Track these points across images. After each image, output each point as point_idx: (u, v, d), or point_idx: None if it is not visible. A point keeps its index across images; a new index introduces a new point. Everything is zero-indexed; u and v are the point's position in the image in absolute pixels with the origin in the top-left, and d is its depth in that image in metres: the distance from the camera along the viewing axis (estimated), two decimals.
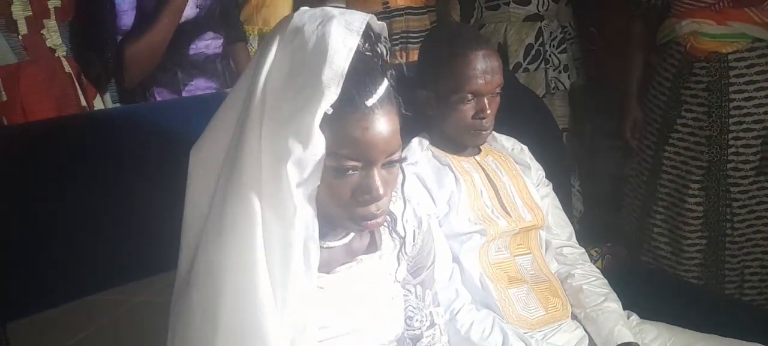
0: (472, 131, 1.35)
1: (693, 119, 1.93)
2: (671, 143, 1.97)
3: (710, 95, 1.89)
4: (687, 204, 1.96)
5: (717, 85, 1.88)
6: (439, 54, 1.34)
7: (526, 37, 2.22)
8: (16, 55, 1.53)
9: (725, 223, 1.93)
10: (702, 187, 1.94)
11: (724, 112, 1.88)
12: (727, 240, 1.94)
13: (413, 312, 1.08)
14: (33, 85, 1.55)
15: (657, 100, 2.02)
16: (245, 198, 0.78)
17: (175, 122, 1.25)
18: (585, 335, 1.37)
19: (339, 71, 0.78)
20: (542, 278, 1.40)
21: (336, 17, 0.81)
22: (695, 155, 1.94)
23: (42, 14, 1.57)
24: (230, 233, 0.79)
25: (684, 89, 1.93)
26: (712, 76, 1.88)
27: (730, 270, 1.96)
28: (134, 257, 1.19)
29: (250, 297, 0.79)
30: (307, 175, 0.79)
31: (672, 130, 1.96)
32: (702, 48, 1.88)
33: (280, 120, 0.78)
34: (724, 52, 1.86)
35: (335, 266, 0.95)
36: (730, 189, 1.91)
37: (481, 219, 1.34)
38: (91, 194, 1.19)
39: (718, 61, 1.87)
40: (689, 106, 1.93)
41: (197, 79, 1.82)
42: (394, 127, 0.85)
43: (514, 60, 2.23)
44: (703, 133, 1.92)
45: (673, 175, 1.99)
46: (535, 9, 2.20)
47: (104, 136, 1.27)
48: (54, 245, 1.15)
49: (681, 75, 1.93)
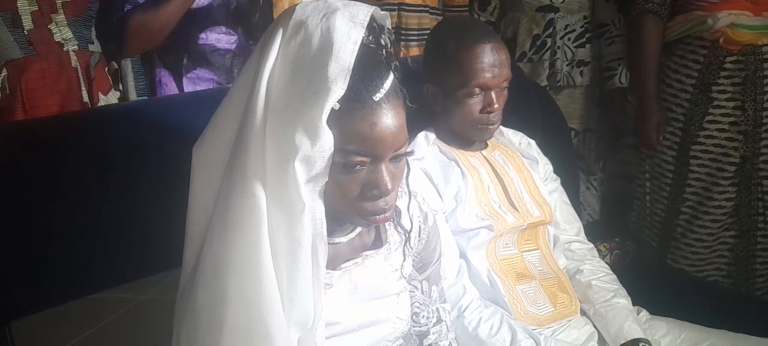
0: (480, 126, 1.34)
1: (722, 115, 1.88)
2: (699, 141, 1.92)
3: (744, 89, 1.85)
4: (715, 201, 1.92)
5: (752, 79, 1.84)
6: (446, 48, 1.32)
7: (535, 27, 2.20)
8: (22, 49, 1.53)
9: (758, 217, 1.89)
10: (732, 182, 1.90)
11: (758, 106, 1.85)
12: (759, 234, 1.90)
13: (419, 308, 1.07)
14: (38, 80, 1.55)
15: (677, 98, 1.96)
16: (250, 196, 0.77)
17: (178, 118, 1.25)
18: (594, 332, 1.36)
19: (345, 66, 0.76)
20: (550, 274, 1.39)
21: (340, 10, 0.79)
22: (726, 152, 1.89)
23: (50, 9, 1.58)
24: (235, 230, 0.78)
25: (713, 85, 1.88)
26: (747, 69, 1.84)
27: (762, 264, 1.93)
28: (139, 255, 1.19)
29: (256, 296, 0.78)
30: (316, 171, 0.78)
31: (700, 127, 1.91)
32: (738, 40, 1.83)
33: (285, 116, 0.77)
34: (758, 43, 1.83)
35: (341, 262, 0.95)
36: (762, 182, 1.88)
37: (488, 215, 1.33)
38: (95, 191, 1.18)
39: (753, 54, 1.83)
40: (718, 101, 1.88)
41: (200, 69, 1.82)
42: (401, 121, 0.84)
43: (520, 50, 2.22)
44: (736, 128, 1.87)
45: (701, 173, 1.94)
46: (549, 0, 2.18)
47: (108, 133, 1.26)
48: (58, 243, 1.15)
49: (708, 71, 1.88)
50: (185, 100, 1.65)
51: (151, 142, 1.24)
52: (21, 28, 1.54)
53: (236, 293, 0.78)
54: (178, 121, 1.21)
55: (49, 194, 1.16)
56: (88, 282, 1.16)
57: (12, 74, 1.53)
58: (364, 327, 0.97)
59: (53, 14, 1.58)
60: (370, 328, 0.97)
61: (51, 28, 1.57)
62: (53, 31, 1.58)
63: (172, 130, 1.20)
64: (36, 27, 1.55)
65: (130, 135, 1.26)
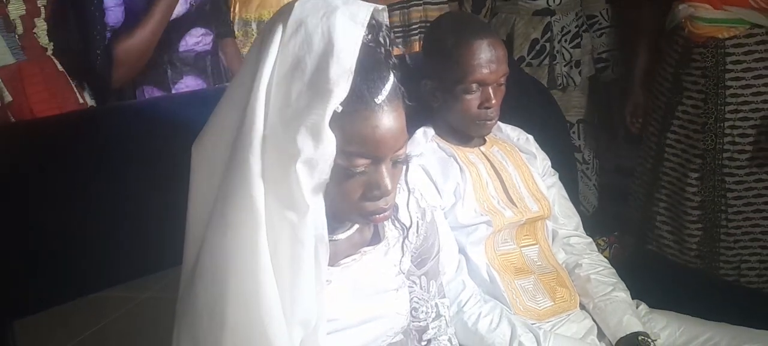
0: (478, 121, 1.35)
1: (692, 106, 1.90)
2: (672, 130, 1.94)
3: (707, 82, 1.86)
4: (686, 193, 1.93)
5: (713, 72, 1.84)
6: (444, 43, 1.33)
7: (532, 31, 2.20)
8: (14, 55, 1.51)
9: (720, 213, 1.90)
10: (699, 176, 1.91)
11: (720, 100, 1.84)
12: (721, 231, 1.90)
13: (418, 303, 1.08)
14: (36, 85, 1.54)
15: (661, 86, 1.99)
16: (249, 195, 0.77)
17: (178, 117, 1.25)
18: (593, 325, 1.36)
19: (347, 67, 0.76)
20: (549, 269, 1.39)
21: (340, 8, 0.78)
22: (693, 143, 1.91)
23: (34, 13, 1.54)
24: (234, 230, 0.78)
25: (685, 75, 1.90)
26: (708, 62, 1.85)
27: (725, 262, 1.93)
28: (140, 254, 1.19)
29: (255, 296, 0.78)
30: (318, 173, 0.78)
31: (674, 116, 1.93)
32: (699, 33, 1.84)
33: (287, 117, 0.77)
34: (721, 37, 1.82)
35: (340, 258, 0.95)
36: (725, 179, 1.88)
37: (486, 210, 1.34)
38: (96, 190, 1.19)
39: (715, 47, 1.83)
40: (689, 92, 1.90)
41: (187, 77, 1.77)
42: (401, 123, 0.84)
43: (518, 54, 2.21)
44: (700, 120, 1.88)
45: (674, 162, 1.96)
46: (546, 3, 2.17)
47: (108, 132, 1.27)
48: (60, 242, 1.16)
49: (682, 61, 1.90)
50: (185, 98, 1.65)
51: (154, 140, 1.25)
52: (14, 32, 1.51)
53: (235, 292, 0.78)
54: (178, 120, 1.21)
55: (50, 193, 1.16)
56: (90, 281, 1.17)
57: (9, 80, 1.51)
58: (364, 323, 0.97)
59: (36, 19, 1.55)
60: (369, 323, 0.98)
61: (35, 33, 1.55)
62: (38, 36, 1.56)
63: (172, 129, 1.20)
64: (25, 31, 1.52)
65: (131, 134, 1.27)
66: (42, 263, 1.15)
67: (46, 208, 1.16)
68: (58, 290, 1.14)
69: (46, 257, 1.15)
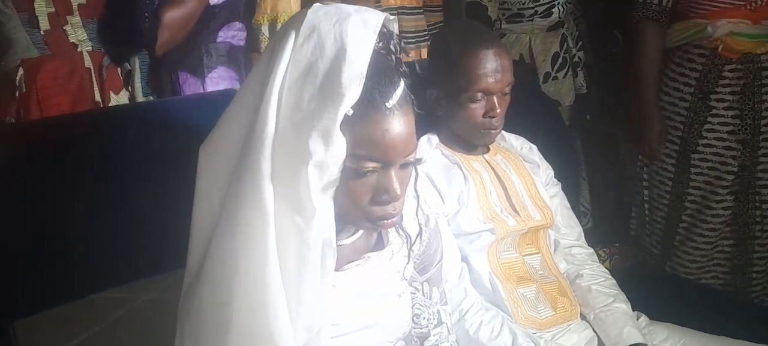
0: (482, 130, 1.35)
1: (720, 123, 1.87)
2: (698, 150, 1.91)
3: (743, 98, 1.84)
4: (713, 210, 1.91)
5: (750, 88, 1.83)
6: (450, 52, 1.33)
7: (551, 45, 2.18)
8: (39, 49, 1.57)
9: (755, 226, 1.89)
10: (731, 191, 1.90)
11: (756, 114, 1.84)
12: (756, 243, 1.90)
13: (420, 310, 1.08)
14: (51, 80, 1.60)
15: (675, 106, 1.95)
16: (259, 198, 0.78)
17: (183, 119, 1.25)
18: (594, 336, 1.36)
19: (359, 72, 0.77)
20: (551, 278, 1.39)
21: (352, 15, 0.80)
22: (725, 160, 1.88)
23: (65, 11, 1.62)
24: (243, 233, 0.79)
25: (711, 93, 1.87)
26: (746, 78, 1.83)
27: (758, 273, 1.92)
28: (142, 255, 1.19)
29: (262, 298, 0.78)
30: (328, 176, 0.78)
31: (699, 136, 1.90)
32: (737, 49, 1.82)
33: (298, 121, 0.77)
34: (757, 52, 1.82)
35: (344, 263, 0.95)
36: (759, 191, 1.87)
37: (490, 218, 1.34)
38: (98, 191, 1.19)
39: (752, 62, 1.82)
40: (717, 110, 1.87)
41: (220, 68, 1.85)
42: (411, 127, 0.85)
43: (544, 70, 2.19)
44: (734, 137, 1.86)
45: (700, 181, 1.93)
46: (558, 17, 2.18)
47: (111, 133, 1.27)
48: (62, 243, 1.16)
49: (707, 79, 1.87)
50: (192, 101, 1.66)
51: (155, 142, 1.25)
52: (37, 28, 1.57)
53: (242, 294, 0.78)
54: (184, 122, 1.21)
55: (51, 194, 1.16)
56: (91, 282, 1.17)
57: (28, 73, 1.56)
58: (366, 328, 0.97)
59: (69, 16, 1.62)
60: (371, 329, 0.98)
61: (66, 30, 1.61)
62: (68, 33, 1.62)
63: (177, 131, 1.20)
64: (52, 28, 1.59)
65: (134, 135, 1.27)
66: (43, 263, 1.15)
67: (48, 208, 1.16)
68: (58, 291, 1.14)
69: (47, 257, 1.15)
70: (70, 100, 1.60)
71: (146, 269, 1.19)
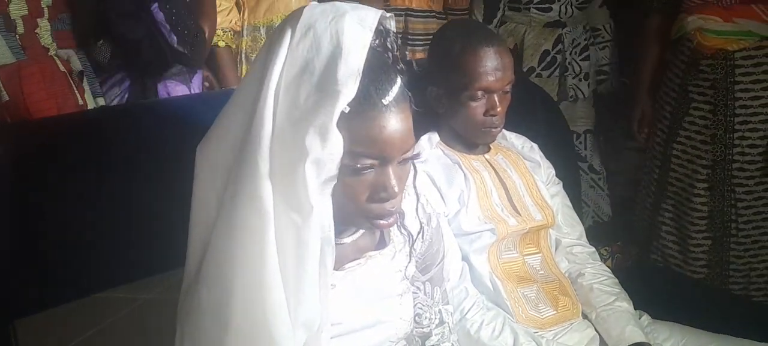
0: (483, 129, 1.35)
1: (700, 117, 1.91)
2: (679, 141, 1.95)
3: (716, 93, 1.86)
4: (693, 203, 1.94)
5: (722, 83, 1.85)
6: (450, 50, 1.33)
7: (543, 42, 2.20)
8: (15, 54, 1.53)
9: (730, 223, 1.90)
10: (708, 186, 1.92)
11: (729, 111, 1.85)
12: (732, 241, 1.91)
13: (422, 309, 1.07)
14: (34, 84, 1.55)
15: (667, 96, 2.00)
16: (257, 197, 0.78)
17: (182, 119, 1.25)
18: (596, 335, 1.36)
19: (355, 69, 0.77)
20: (552, 278, 1.39)
21: (348, 13, 0.80)
22: (701, 154, 1.91)
23: (36, 13, 1.57)
24: (241, 231, 0.79)
25: (692, 86, 1.90)
26: (717, 73, 1.85)
27: (735, 271, 1.94)
28: (142, 255, 1.19)
29: (261, 297, 0.78)
30: (326, 174, 0.78)
31: (680, 127, 1.94)
32: (708, 45, 1.85)
33: (295, 118, 0.77)
34: (730, 49, 1.83)
35: (345, 262, 0.95)
36: (735, 189, 1.88)
37: (490, 218, 1.33)
38: (98, 191, 1.19)
39: (724, 59, 1.84)
40: (697, 103, 1.91)
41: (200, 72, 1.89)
42: (408, 124, 0.85)
43: (529, 63, 2.21)
44: (708, 131, 1.89)
45: (680, 173, 1.97)
46: (557, 16, 2.18)
47: (111, 133, 1.27)
48: (62, 243, 1.16)
49: (689, 72, 1.91)
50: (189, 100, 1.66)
51: (154, 141, 1.25)
52: (14, 32, 1.53)
53: (241, 293, 0.78)
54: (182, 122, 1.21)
55: (52, 193, 1.17)
56: (92, 281, 1.17)
57: (7, 80, 1.52)
58: (367, 328, 0.97)
59: (39, 19, 1.57)
60: (372, 328, 0.97)
61: (37, 33, 1.57)
62: (40, 36, 1.57)
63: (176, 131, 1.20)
64: (26, 32, 1.54)
65: (134, 135, 1.27)
66: (44, 262, 1.15)
67: (49, 208, 1.16)
68: (60, 290, 1.14)
69: (49, 256, 1.15)
70: (56, 104, 1.57)
71: (146, 268, 1.19)
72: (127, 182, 1.20)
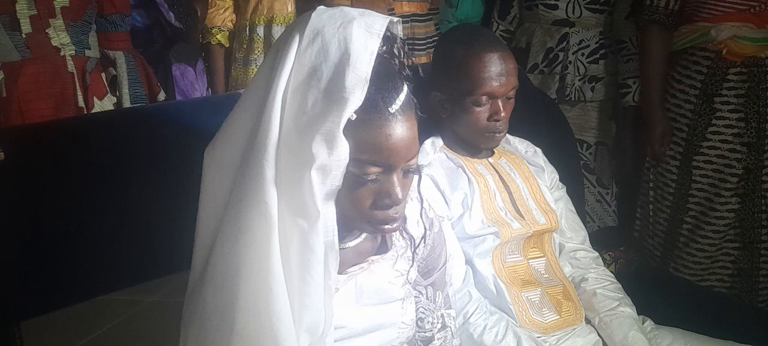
0: (487, 134, 1.35)
1: (725, 126, 1.87)
2: (702, 152, 1.91)
3: (747, 101, 1.84)
4: (718, 212, 1.91)
5: (755, 91, 1.83)
6: (454, 56, 1.33)
7: (549, 40, 2.20)
8: (20, 53, 1.55)
9: (761, 229, 1.88)
10: (735, 194, 1.89)
11: (761, 117, 1.84)
12: (762, 246, 1.89)
13: (424, 313, 1.08)
14: (32, 84, 1.58)
15: (681, 109, 1.95)
16: (262, 202, 0.78)
17: (188, 123, 1.25)
18: (599, 340, 1.36)
19: (363, 76, 0.77)
20: (556, 282, 1.39)
21: (356, 19, 0.80)
22: (729, 163, 1.88)
23: (48, 13, 1.60)
24: (246, 235, 0.79)
25: (716, 96, 1.87)
26: (750, 81, 1.83)
27: (765, 277, 1.91)
28: (147, 257, 1.19)
29: (266, 301, 0.78)
30: (331, 180, 0.78)
31: (703, 139, 1.90)
32: (741, 52, 1.83)
33: (302, 124, 0.78)
34: (762, 56, 1.82)
35: (347, 266, 0.95)
36: (765, 194, 1.87)
37: (494, 222, 1.34)
38: (104, 193, 1.19)
39: (756, 66, 1.83)
40: (721, 113, 1.87)
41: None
42: (414, 132, 0.85)
43: (533, 61, 2.22)
44: (739, 139, 1.86)
45: (704, 183, 1.93)
46: (564, 14, 2.18)
47: (117, 136, 1.27)
48: (68, 245, 1.16)
49: (711, 82, 1.87)
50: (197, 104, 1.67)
51: (161, 145, 1.25)
52: (19, 31, 1.55)
53: (246, 297, 0.79)
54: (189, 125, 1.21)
55: (57, 196, 1.17)
56: (97, 284, 1.17)
57: (8, 77, 1.54)
58: (369, 332, 0.97)
59: (52, 19, 1.60)
60: (375, 332, 0.98)
61: (49, 33, 1.59)
62: (51, 36, 1.59)
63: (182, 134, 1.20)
64: (34, 31, 1.57)
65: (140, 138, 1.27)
66: (49, 265, 1.15)
67: (53, 211, 1.16)
68: (64, 293, 1.14)
69: (53, 259, 1.15)
70: (52, 105, 1.59)
71: (151, 271, 1.19)
72: (133, 184, 1.21)
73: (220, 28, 2.11)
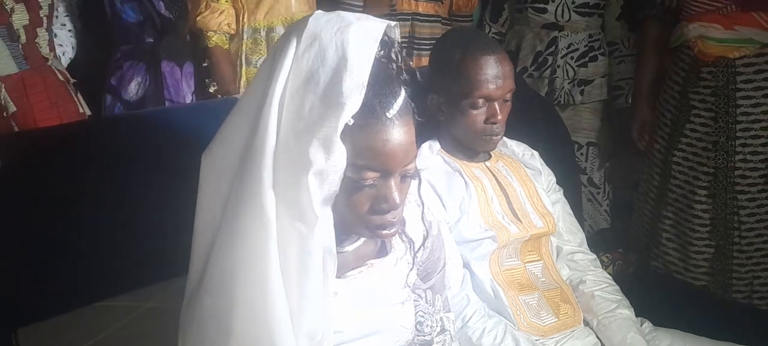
0: (483, 136, 1.35)
1: (701, 124, 1.91)
2: (680, 148, 1.95)
3: (717, 100, 1.87)
4: (694, 210, 1.94)
5: (724, 91, 1.85)
6: (451, 58, 1.33)
7: (538, 43, 2.22)
8: (18, 64, 1.52)
9: (733, 231, 1.90)
10: (709, 193, 1.91)
11: (731, 118, 1.85)
12: (734, 249, 1.91)
13: (423, 317, 1.07)
14: (38, 94, 1.56)
15: (667, 104, 2.00)
16: (259, 206, 0.78)
17: (185, 127, 1.25)
18: (597, 342, 1.36)
19: (360, 81, 0.77)
20: (553, 285, 1.39)
21: (353, 24, 0.80)
22: (702, 161, 1.91)
23: (36, 23, 1.58)
24: (244, 240, 0.79)
25: (693, 94, 1.91)
26: (718, 81, 1.86)
27: (738, 279, 1.93)
28: (144, 263, 1.19)
29: (263, 306, 0.78)
30: (328, 185, 0.78)
31: (681, 134, 1.94)
32: (709, 52, 1.86)
33: (299, 129, 0.77)
34: (731, 57, 1.84)
35: (347, 270, 0.95)
36: (737, 196, 1.88)
37: (491, 225, 1.34)
38: (101, 199, 1.19)
39: (725, 66, 1.85)
40: (697, 110, 1.91)
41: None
42: (411, 137, 0.85)
43: (522, 64, 2.24)
44: (710, 138, 1.89)
45: (681, 180, 1.96)
46: (553, 18, 2.19)
47: (115, 141, 1.27)
48: (65, 251, 1.16)
49: (690, 79, 1.91)
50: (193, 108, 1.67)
51: (158, 150, 1.25)
52: (17, 42, 1.53)
53: (243, 302, 0.78)
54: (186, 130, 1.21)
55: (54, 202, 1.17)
56: (94, 290, 1.17)
57: (13, 89, 1.52)
58: (369, 335, 0.97)
59: (39, 28, 1.58)
60: (373, 336, 0.97)
61: (37, 43, 1.57)
62: (39, 46, 1.57)
63: (180, 139, 1.20)
64: (27, 41, 1.55)
65: (137, 143, 1.27)
66: (46, 271, 1.15)
67: (51, 217, 1.16)
68: (61, 299, 1.14)
69: (50, 265, 1.15)
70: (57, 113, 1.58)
71: (149, 277, 1.19)
72: (130, 189, 1.21)
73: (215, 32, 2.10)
